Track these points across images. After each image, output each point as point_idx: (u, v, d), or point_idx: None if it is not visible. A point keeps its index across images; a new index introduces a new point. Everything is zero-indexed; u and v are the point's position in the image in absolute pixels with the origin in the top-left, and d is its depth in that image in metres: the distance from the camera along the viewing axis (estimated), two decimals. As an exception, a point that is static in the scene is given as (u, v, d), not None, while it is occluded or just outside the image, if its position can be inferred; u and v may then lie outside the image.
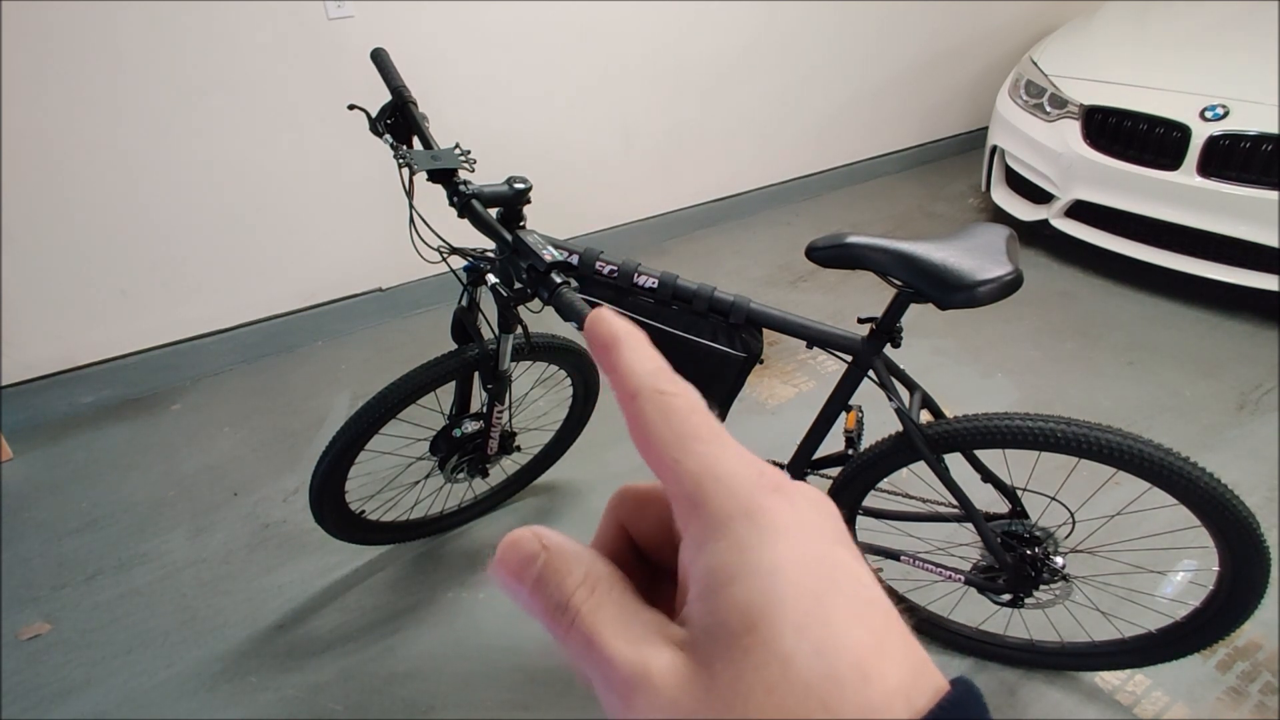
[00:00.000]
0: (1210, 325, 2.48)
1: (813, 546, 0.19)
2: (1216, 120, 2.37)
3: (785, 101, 3.22)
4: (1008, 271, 1.09)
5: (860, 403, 1.31)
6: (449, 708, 1.42)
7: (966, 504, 1.24)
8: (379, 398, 1.41)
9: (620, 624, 0.20)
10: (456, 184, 1.16)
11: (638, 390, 0.22)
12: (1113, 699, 1.40)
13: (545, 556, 0.21)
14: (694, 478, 0.20)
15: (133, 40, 1.94)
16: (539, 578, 0.20)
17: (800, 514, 0.20)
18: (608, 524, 0.25)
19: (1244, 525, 1.11)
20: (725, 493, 0.20)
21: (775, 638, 0.17)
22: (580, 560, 0.21)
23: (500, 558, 0.21)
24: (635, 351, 0.22)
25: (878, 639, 0.18)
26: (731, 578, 0.18)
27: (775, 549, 0.19)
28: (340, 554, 1.73)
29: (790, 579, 0.18)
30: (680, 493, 0.20)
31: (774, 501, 0.20)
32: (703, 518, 0.20)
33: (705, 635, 0.18)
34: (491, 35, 2.42)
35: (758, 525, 0.19)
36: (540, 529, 0.21)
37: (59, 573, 1.71)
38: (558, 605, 0.20)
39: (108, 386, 2.26)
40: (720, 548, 0.19)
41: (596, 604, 0.20)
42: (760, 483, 0.20)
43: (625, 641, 0.19)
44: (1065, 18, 3.38)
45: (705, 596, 0.19)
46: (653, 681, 0.18)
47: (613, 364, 0.22)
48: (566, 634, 0.20)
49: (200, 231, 2.24)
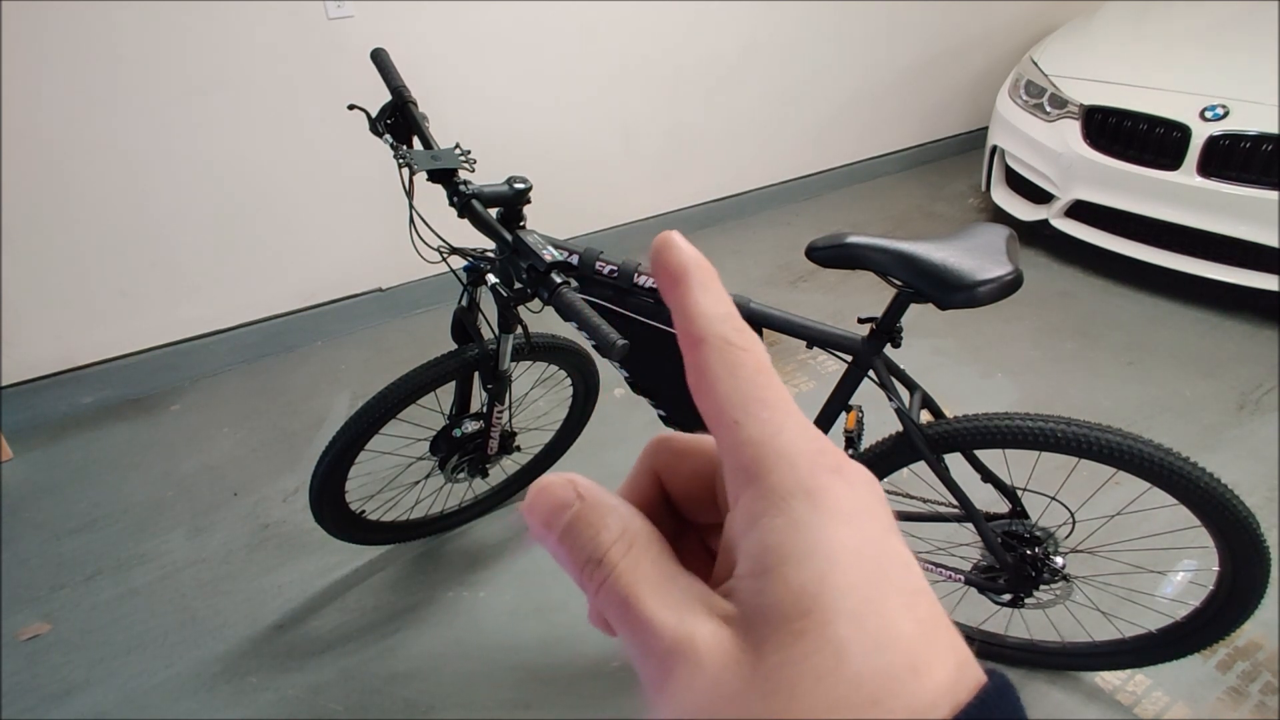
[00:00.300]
0: (1210, 325, 2.48)
1: (869, 532, 0.19)
2: (1216, 120, 2.37)
3: (785, 101, 3.22)
4: (1008, 271, 1.09)
5: (860, 403, 1.31)
6: (449, 707, 1.42)
7: (967, 504, 1.24)
8: (379, 398, 1.41)
9: (660, 587, 0.19)
10: (456, 184, 1.16)
11: (705, 336, 0.20)
12: (1113, 699, 1.40)
13: (579, 506, 0.20)
14: (754, 445, 0.19)
15: (132, 40, 1.94)
16: (569, 526, 0.19)
17: (859, 498, 0.19)
18: (641, 471, 0.24)
19: (1244, 525, 1.11)
20: (786, 467, 0.19)
21: (830, 624, 0.17)
22: (617, 514, 0.20)
23: (530, 502, 0.20)
24: (707, 291, 0.21)
25: (927, 632, 0.18)
26: (787, 558, 0.18)
27: (834, 532, 0.18)
28: (340, 554, 1.73)
29: (847, 565, 0.18)
30: (737, 459, 0.19)
31: (834, 482, 0.19)
32: (760, 490, 0.19)
33: (756, 614, 0.18)
34: (492, 35, 2.42)
35: (817, 506, 0.18)
36: (575, 477, 0.20)
37: (58, 573, 1.71)
38: (590, 558, 0.19)
39: (108, 386, 2.26)
40: (777, 524, 0.18)
41: (634, 562, 0.19)
42: (822, 460, 0.19)
43: (666, 606, 0.18)
44: (1065, 18, 3.38)
45: (758, 574, 0.18)
46: (698, 654, 0.18)
47: (679, 300, 0.21)
48: (599, 591, 0.19)
49: (200, 231, 2.24)
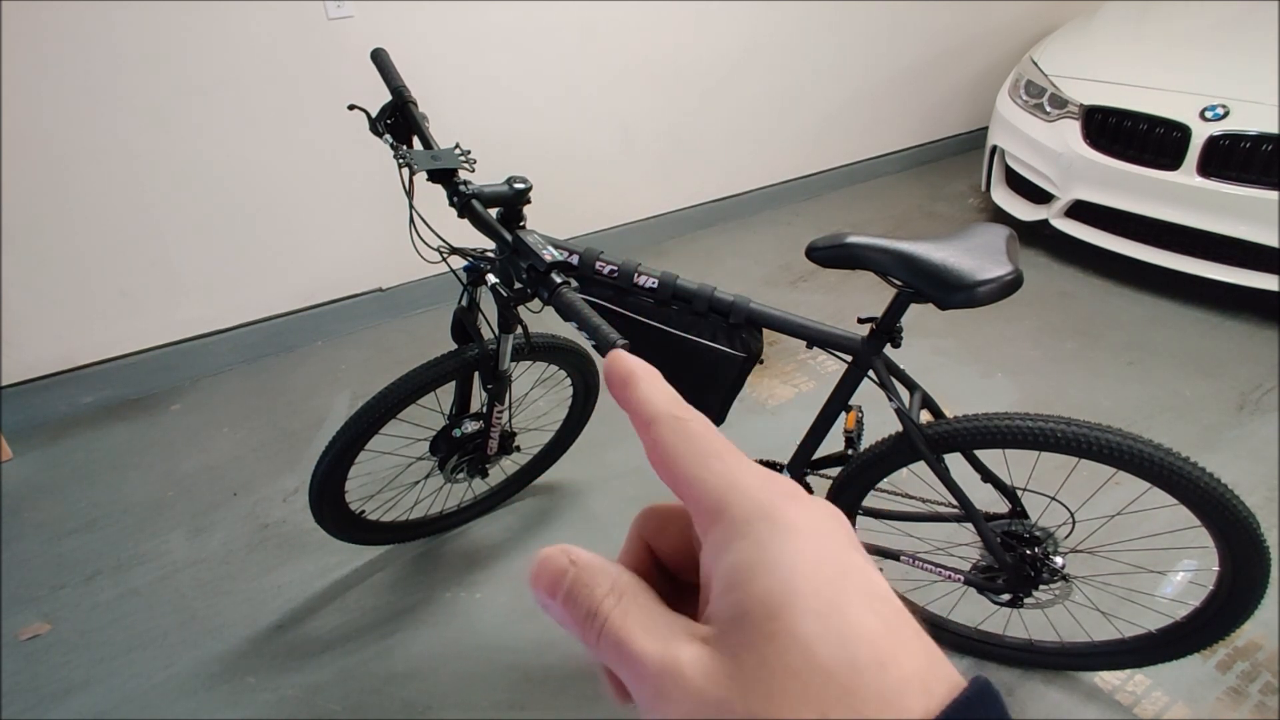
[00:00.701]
0: (1210, 325, 2.48)
1: (827, 546, 0.21)
2: (1217, 120, 2.37)
3: (785, 101, 3.22)
4: (1008, 271, 1.09)
5: (860, 403, 1.31)
6: (447, 708, 1.42)
7: (966, 504, 1.24)
8: (379, 398, 1.41)
9: (647, 625, 0.21)
10: (456, 184, 1.16)
11: (656, 416, 0.24)
12: (1112, 699, 1.40)
13: (574, 571, 0.22)
14: (715, 490, 0.22)
15: (132, 40, 1.94)
16: (569, 591, 0.22)
17: (814, 518, 0.21)
18: (632, 540, 0.27)
19: (1244, 525, 1.11)
20: (744, 499, 0.21)
21: (797, 624, 0.18)
22: (606, 572, 0.22)
23: (534, 575, 0.23)
24: (651, 385, 0.25)
25: (891, 629, 0.19)
26: (753, 572, 0.20)
27: (793, 545, 0.20)
28: (340, 554, 1.73)
29: (808, 571, 0.19)
30: (701, 506, 0.22)
31: (790, 505, 0.21)
32: (724, 523, 0.21)
33: (730, 626, 0.19)
34: (492, 35, 2.42)
35: (776, 525, 0.21)
36: (569, 547, 0.23)
37: (58, 573, 1.71)
38: (588, 613, 0.21)
39: (108, 386, 2.26)
40: (742, 546, 0.20)
41: (624, 609, 0.21)
42: (776, 489, 0.22)
43: (653, 639, 0.20)
44: (1065, 18, 3.38)
45: (729, 591, 0.20)
46: (682, 672, 0.19)
47: (630, 397, 0.25)
48: (598, 640, 0.21)
49: (200, 231, 2.24)
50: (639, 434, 0.24)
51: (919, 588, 1.51)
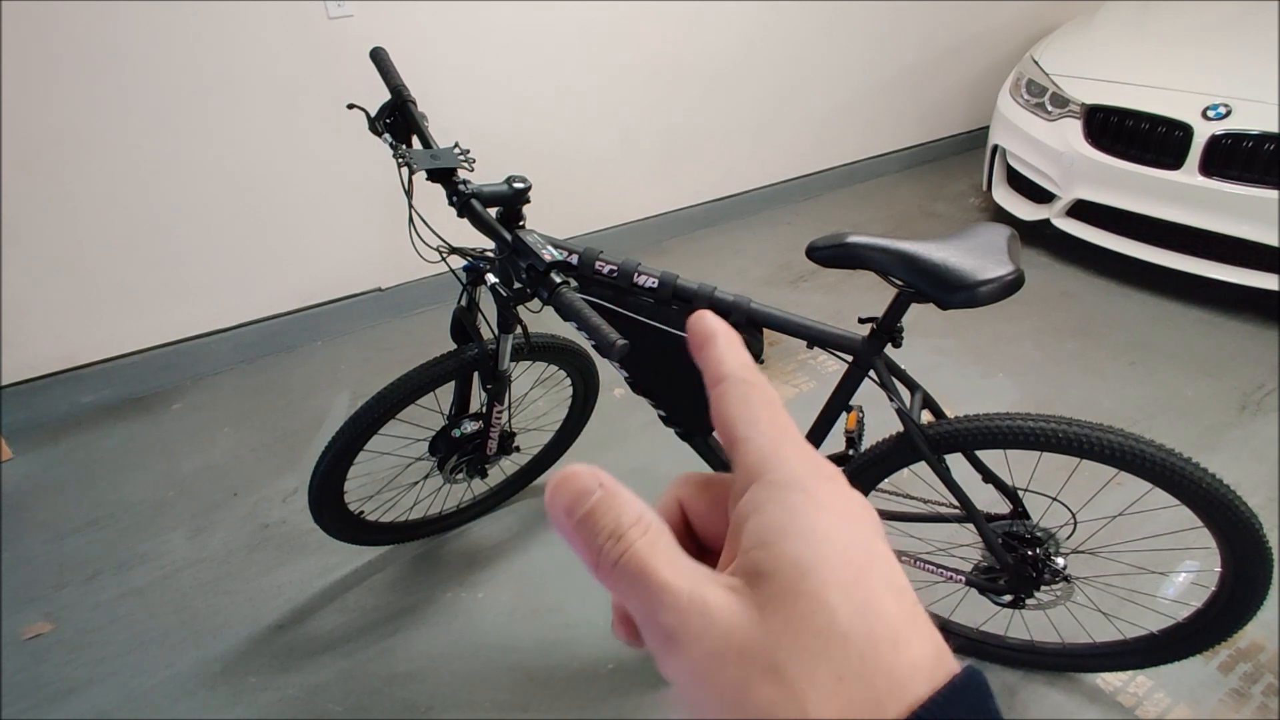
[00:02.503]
0: (1212, 325, 2.48)
1: (857, 530, 0.21)
2: (1219, 119, 2.36)
3: (785, 101, 3.22)
4: (1009, 271, 1.08)
5: (861, 403, 1.31)
6: (447, 708, 1.42)
7: (968, 504, 1.24)
8: (378, 398, 1.41)
9: (673, 562, 0.21)
10: (456, 183, 1.15)
11: (726, 375, 0.25)
12: (1114, 700, 1.40)
13: (601, 493, 0.22)
14: (760, 451, 0.23)
15: (132, 40, 1.94)
16: (590, 512, 0.21)
17: (848, 503, 0.22)
18: (667, 498, 0.27)
19: (1246, 526, 1.11)
20: (785, 467, 0.22)
21: (823, 590, 0.19)
22: (635, 505, 0.22)
23: (554, 487, 0.22)
24: (730, 347, 0.25)
25: (908, 616, 0.20)
26: (786, 533, 0.20)
27: (827, 520, 0.21)
28: (339, 554, 1.73)
29: (838, 548, 0.20)
30: (745, 463, 0.23)
31: (828, 485, 0.22)
32: (762, 484, 0.22)
33: (759, 579, 0.20)
34: (491, 35, 2.42)
35: (812, 498, 0.21)
36: (598, 470, 0.22)
37: (59, 573, 1.71)
38: (611, 533, 0.21)
39: (108, 386, 2.26)
40: (777, 508, 0.21)
41: (650, 541, 0.21)
42: (817, 469, 0.22)
43: (679, 575, 0.21)
44: (1066, 17, 3.38)
45: (759, 546, 0.21)
46: (710, 609, 0.20)
47: (709, 353, 0.25)
48: (615, 565, 0.21)
49: (200, 231, 2.24)
50: (707, 389, 0.25)
51: (921, 589, 1.50)
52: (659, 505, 0.26)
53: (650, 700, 1.42)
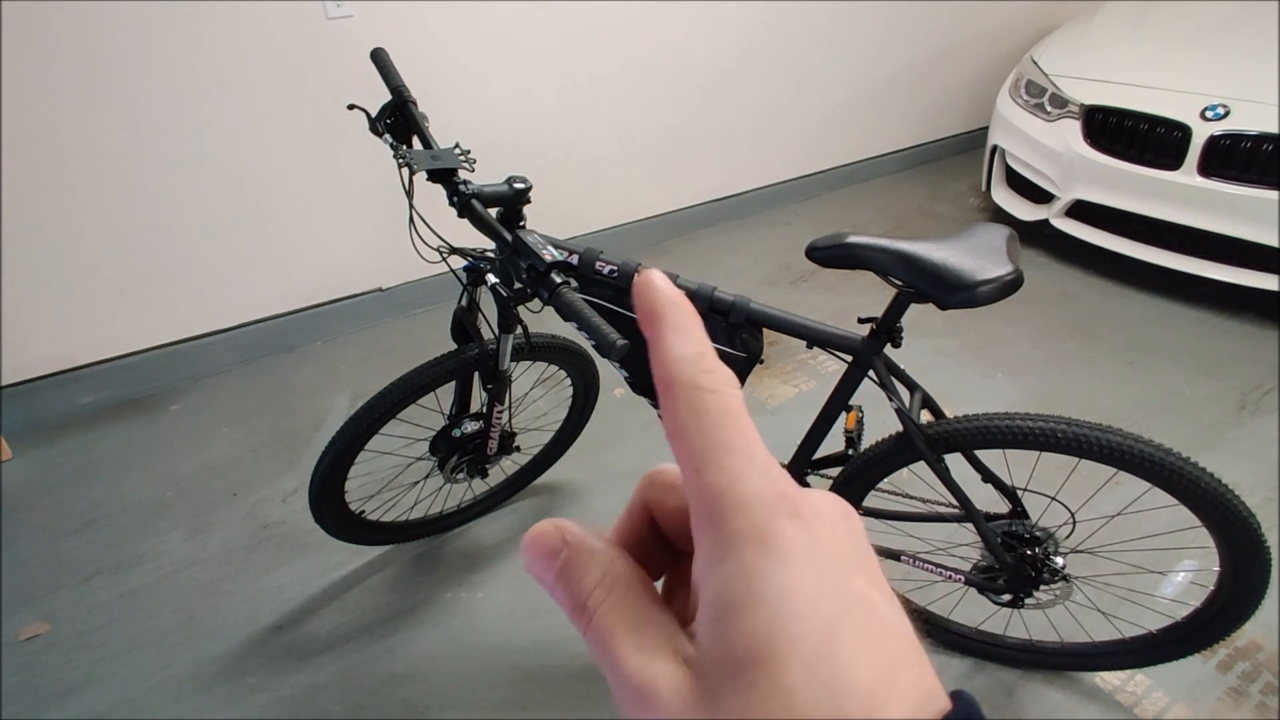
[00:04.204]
0: (1211, 325, 2.48)
1: (825, 575, 0.19)
2: (1217, 120, 2.37)
3: (785, 101, 3.22)
4: (1008, 271, 1.08)
5: (860, 403, 1.31)
6: (446, 708, 1.42)
7: (967, 504, 1.24)
8: (379, 398, 1.41)
9: (633, 629, 0.20)
10: (456, 184, 1.15)
11: (674, 380, 0.21)
12: (1113, 699, 1.40)
13: (566, 552, 0.21)
14: (713, 491, 0.20)
15: (132, 40, 1.93)
16: (559, 572, 0.21)
17: (816, 541, 0.19)
18: (635, 504, 0.25)
19: (1244, 525, 1.11)
20: (740, 514, 0.19)
21: (781, 673, 0.17)
22: (600, 559, 0.21)
23: (526, 549, 0.22)
24: (679, 333, 0.21)
25: (887, 671, 0.18)
26: (739, 605, 0.18)
27: (786, 578, 0.18)
28: (339, 554, 1.73)
29: (798, 611, 0.18)
30: (698, 504, 0.20)
31: (789, 527, 0.19)
32: (716, 537, 0.19)
33: (712, 662, 0.19)
34: (491, 35, 2.42)
35: (768, 552, 0.19)
36: (563, 522, 0.22)
37: (58, 573, 1.70)
38: (576, 602, 0.21)
39: (107, 386, 2.26)
40: (730, 572, 0.19)
41: (612, 605, 0.20)
42: (778, 506, 0.19)
43: (636, 649, 0.20)
44: (1065, 17, 3.38)
45: (714, 622, 0.19)
46: (660, 698, 0.19)
47: (654, 343, 0.21)
48: (586, 630, 0.21)
49: (200, 231, 2.24)
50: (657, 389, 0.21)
51: (920, 588, 1.51)
52: (627, 514, 0.25)
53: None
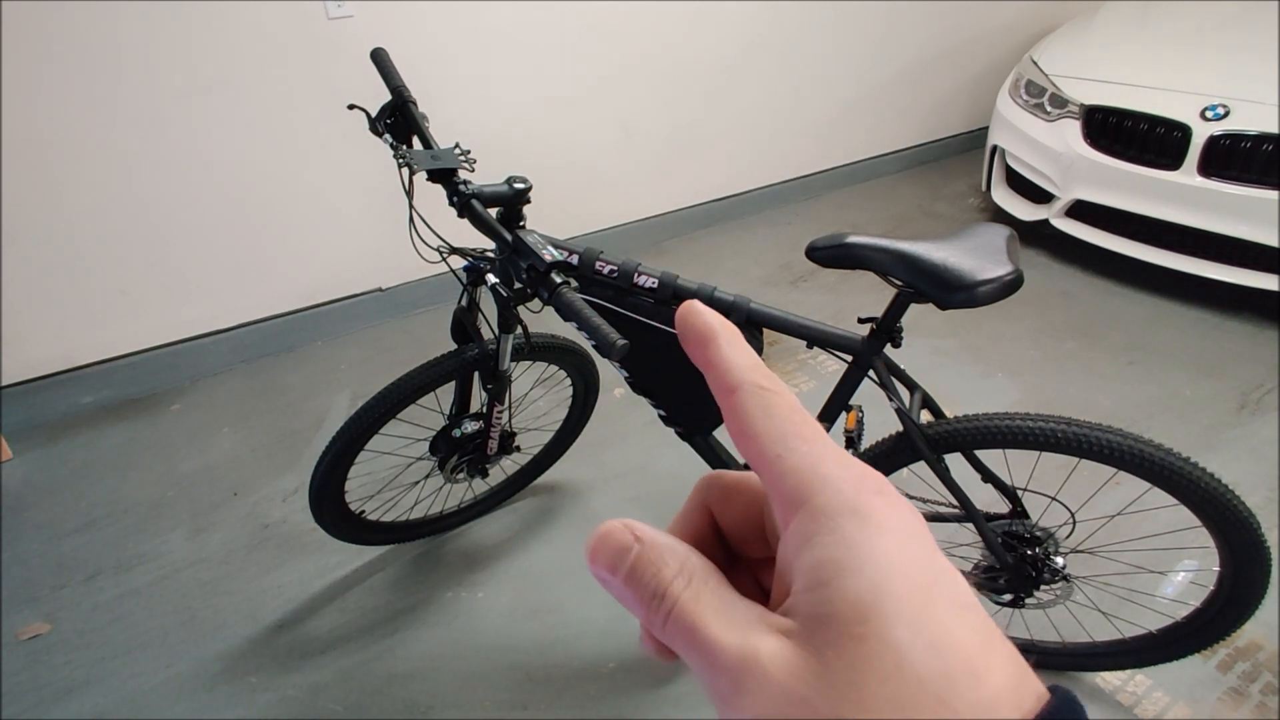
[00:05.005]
0: (1211, 325, 2.48)
1: (917, 550, 0.19)
2: (1217, 120, 2.37)
3: (785, 101, 3.22)
4: (1008, 271, 1.09)
5: (860, 403, 1.31)
6: (448, 708, 1.42)
7: (967, 504, 1.24)
8: (379, 398, 1.41)
9: (721, 612, 0.20)
10: (456, 184, 1.15)
11: (739, 384, 0.22)
12: (1113, 699, 1.40)
13: (639, 548, 0.21)
14: (797, 474, 0.20)
15: (132, 40, 1.94)
16: (632, 569, 0.21)
17: (903, 517, 0.20)
18: (694, 506, 0.25)
19: (1244, 525, 1.11)
20: (831, 490, 0.20)
21: (888, 629, 0.18)
22: (674, 552, 0.21)
23: (593, 550, 0.21)
24: (733, 346, 0.23)
25: (983, 640, 0.18)
26: (841, 570, 0.19)
27: (885, 546, 0.19)
28: (340, 554, 1.73)
29: (901, 574, 0.18)
30: (781, 489, 0.21)
31: (879, 503, 0.20)
32: (808, 513, 0.20)
33: (816, 624, 0.18)
34: (491, 35, 2.42)
35: (865, 523, 0.19)
36: (632, 522, 0.22)
37: (58, 573, 1.71)
38: (654, 594, 0.20)
39: (107, 386, 2.26)
40: (829, 541, 0.19)
41: (695, 593, 0.20)
42: (864, 484, 0.20)
43: (729, 627, 0.19)
44: (1065, 17, 3.38)
45: (814, 588, 0.19)
46: (763, 666, 0.18)
47: (710, 359, 0.23)
48: (665, 623, 0.20)
49: (200, 231, 2.24)
50: (717, 398, 0.22)
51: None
52: (684, 517, 0.25)
53: (651, 700, 1.43)
